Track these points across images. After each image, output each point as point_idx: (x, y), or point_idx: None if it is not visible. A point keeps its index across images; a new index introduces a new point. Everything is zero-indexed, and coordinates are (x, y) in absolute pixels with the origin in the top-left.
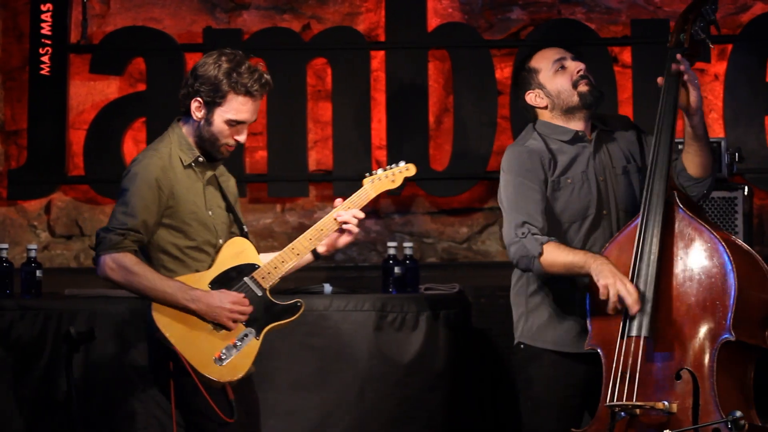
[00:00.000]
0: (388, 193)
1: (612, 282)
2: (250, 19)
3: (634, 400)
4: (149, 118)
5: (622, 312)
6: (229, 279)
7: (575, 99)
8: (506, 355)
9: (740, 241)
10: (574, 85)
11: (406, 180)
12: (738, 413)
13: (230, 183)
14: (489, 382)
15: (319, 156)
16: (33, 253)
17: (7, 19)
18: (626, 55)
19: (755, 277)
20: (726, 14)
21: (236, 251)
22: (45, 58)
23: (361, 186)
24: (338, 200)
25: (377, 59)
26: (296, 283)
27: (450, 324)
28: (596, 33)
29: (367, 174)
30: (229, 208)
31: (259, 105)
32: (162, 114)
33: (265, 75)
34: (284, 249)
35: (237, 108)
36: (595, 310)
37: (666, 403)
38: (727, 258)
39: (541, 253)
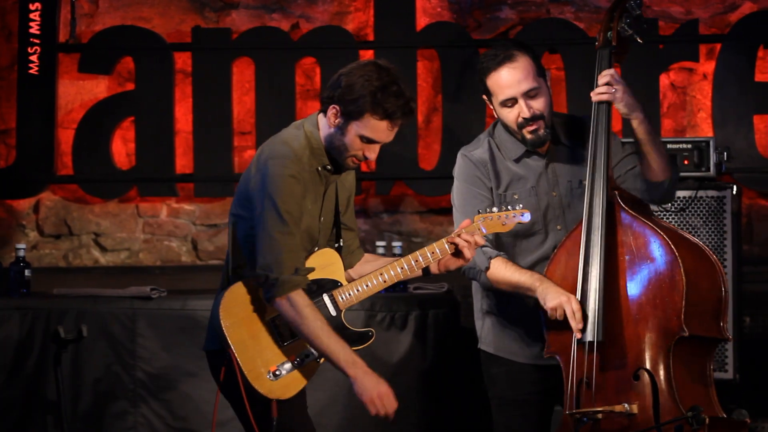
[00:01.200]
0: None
1: (558, 304)
2: (239, 18)
3: (594, 405)
4: (138, 118)
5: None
6: (309, 292)
7: (520, 137)
8: None
9: (687, 235)
10: (519, 127)
11: (519, 225)
12: (699, 408)
13: (348, 178)
14: (477, 381)
15: None
16: (21, 253)
17: None
18: None
19: (703, 269)
20: (715, 14)
21: (323, 263)
22: (34, 57)
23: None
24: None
25: (366, 58)
26: None
27: (439, 323)
28: (585, 32)
29: (480, 211)
30: (337, 215)
31: (398, 128)
32: (150, 113)
33: (411, 102)
34: (372, 272)
35: (373, 128)
36: (550, 320)
37: (626, 405)
38: (672, 254)
39: (488, 268)
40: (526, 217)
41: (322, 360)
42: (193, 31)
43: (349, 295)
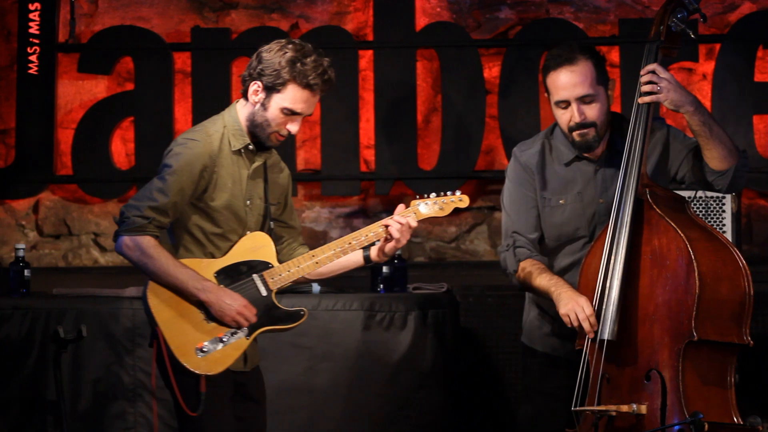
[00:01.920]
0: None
1: (570, 309)
2: (239, 18)
3: (600, 402)
4: (137, 118)
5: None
6: (238, 272)
7: (570, 140)
8: (493, 353)
9: (719, 235)
10: (569, 130)
11: (456, 210)
12: (699, 414)
13: (282, 175)
14: (477, 381)
15: (307, 155)
16: (21, 253)
17: None
18: (614, 55)
19: (725, 273)
20: (714, 14)
21: (254, 246)
22: (33, 57)
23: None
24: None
25: (365, 59)
26: None
27: (438, 323)
28: (584, 32)
29: (417, 196)
30: (267, 202)
31: (317, 100)
32: (150, 113)
33: (329, 71)
34: (305, 254)
35: (294, 98)
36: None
37: (634, 405)
38: (689, 256)
39: (516, 271)
40: (464, 203)
41: (251, 338)
42: (193, 31)
43: (280, 275)
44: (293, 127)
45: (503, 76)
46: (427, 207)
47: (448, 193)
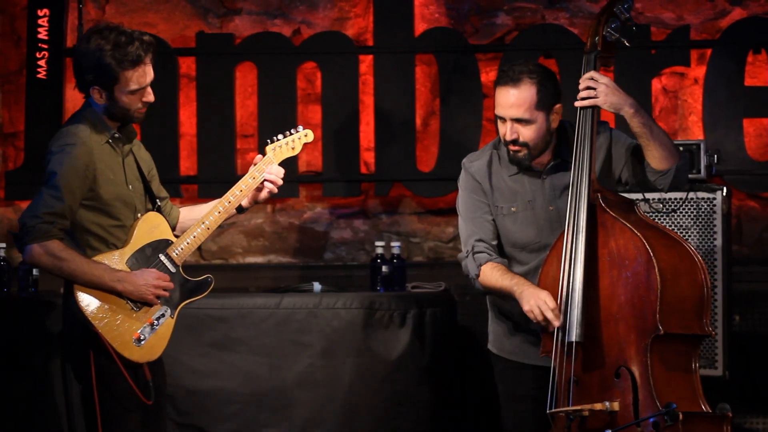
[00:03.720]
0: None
1: (533, 305)
2: (242, 24)
3: (572, 404)
4: (143, 121)
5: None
6: (145, 256)
7: (508, 154)
8: (490, 350)
9: (672, 234)
10: (504, 143)
11: (304, 146)
12: (673, 404)
13: (142, 153)
14: (474, 378)
15: (308, 157)
16: None
17: (5, 24)
18: None
19: (683, 268)
20: (705, 20)
21: (150, 227)
22: (42, 62)
23: (265, 154)
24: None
25: (366, 63)
26: (287, 281)
27: (436, 321)
28: (579, 37)
29: (269, 141)
30: (145, 180)
31: (151, 62)
32: (155, 116)
33: (142, 37)
34: (195, 223)
35: (134, 79)
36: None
37: (607, 403)
38: (647, 254)
39: (478, 275)
40: (310, 137)
41: (176, 315)
42: (197, 37)
43: (182, 249)
44: (149, 97)
45: None
46: (281, 150)
47: (293, 131)
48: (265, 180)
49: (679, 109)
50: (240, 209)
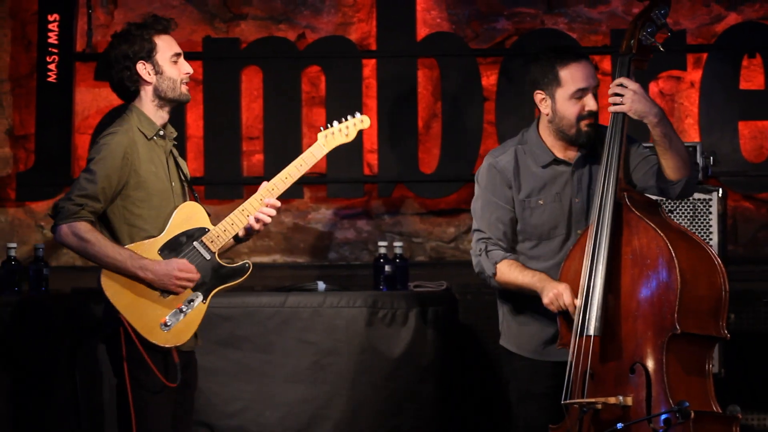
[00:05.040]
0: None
1: (552, 298)
2: (248, 28)
3: (586, 396)
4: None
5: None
6: (179, 244)
7: (572, 132)
8: (491, 349)
9: (694, 237)
10: (578, 119)
11: (360, 132)
12: (685, 402)
13: (183, 163)
14: (475, 375)
15: None
16: (40, 252)
17: (16, 29)
18: (606, 64)
19: (702, 270)
20: (701, 24)
21: (187, 216)
22: (52, 66)
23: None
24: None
25: (369, 67)
26: (291, 281)
27: (438, 320)
28: (578, 42)
29: (322, 128)
30: (186, 181)
31: (175, 33)
32: None
33: (154, 13)
34: (234, 211)
35: (166, 46)
36: (561, 314)
37: (620, 397)
38: (670, 255)
39: (494, 273)
40: (366, 123)
41: (208, 301)
42: (204, 41)
43: (218, 236)
44: (187, 68)
45: (500, 84)
46: (333, 137)
47: (349, 117)
48: (259, 213)
49: (676, 112)
50: (237, 239)
